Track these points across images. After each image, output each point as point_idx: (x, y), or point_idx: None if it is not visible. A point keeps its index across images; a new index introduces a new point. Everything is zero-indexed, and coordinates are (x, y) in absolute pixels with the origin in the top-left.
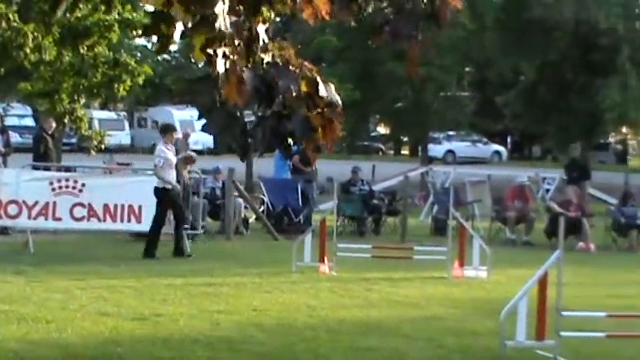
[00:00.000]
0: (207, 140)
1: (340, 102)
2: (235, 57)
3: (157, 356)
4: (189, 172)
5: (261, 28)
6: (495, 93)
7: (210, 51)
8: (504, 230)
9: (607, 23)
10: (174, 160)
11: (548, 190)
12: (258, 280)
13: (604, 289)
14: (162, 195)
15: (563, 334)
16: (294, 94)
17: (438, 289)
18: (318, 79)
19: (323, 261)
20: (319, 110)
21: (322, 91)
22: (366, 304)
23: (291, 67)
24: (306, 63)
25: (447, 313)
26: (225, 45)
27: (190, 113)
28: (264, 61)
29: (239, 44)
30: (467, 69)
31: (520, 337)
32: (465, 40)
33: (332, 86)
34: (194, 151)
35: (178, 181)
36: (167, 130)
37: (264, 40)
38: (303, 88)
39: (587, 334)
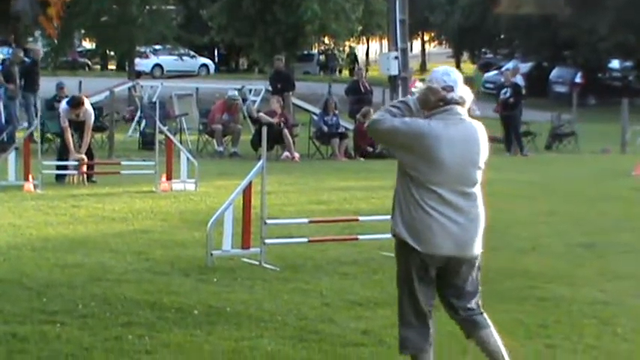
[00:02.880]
0: None
1: None
2: None
3: None
4: None
5: None
6: (201, 6)
7: None
8: (212, 143)
9: None
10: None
11: (254, 102)
12: None
13: (307, 196)
14: None
15: (267, 241)
16: None
17: (146, 202)
18: None
19: (28, 179)
20: None
21: None
22: (72, 221)
23: None
24: None
25: (155, 226)
26: None
27: None
28: None
29: None
30: None
31: (226, 247)
32: None
33: None
34: None
35: None
36: None
37: None
38: None
39: (290, 240)
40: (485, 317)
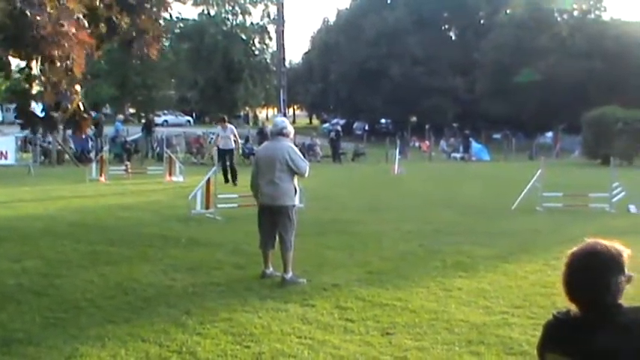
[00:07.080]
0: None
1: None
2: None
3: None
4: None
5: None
6: (186, 91)
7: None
8: (191, 157)
9: (237, 58)
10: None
11: (212, 138)
12: (69, 186)
13: (242, 183)
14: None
15: (219, 205)
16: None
17: (158, 186)
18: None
19: (101, 176)
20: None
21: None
22: (122, 194)
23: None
24: (76, 87)
25: (163, 198)
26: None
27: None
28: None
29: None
30: (172, 80)
31: (198, 208)
32: (172, 65)
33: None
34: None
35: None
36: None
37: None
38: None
39: (230, 205)
40: (288, 244)
